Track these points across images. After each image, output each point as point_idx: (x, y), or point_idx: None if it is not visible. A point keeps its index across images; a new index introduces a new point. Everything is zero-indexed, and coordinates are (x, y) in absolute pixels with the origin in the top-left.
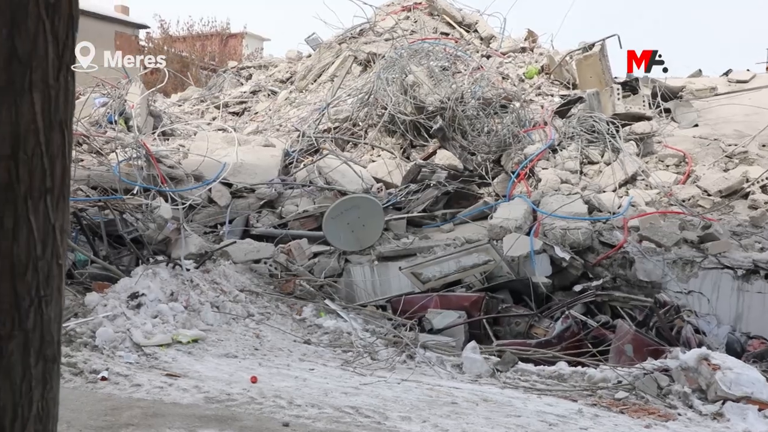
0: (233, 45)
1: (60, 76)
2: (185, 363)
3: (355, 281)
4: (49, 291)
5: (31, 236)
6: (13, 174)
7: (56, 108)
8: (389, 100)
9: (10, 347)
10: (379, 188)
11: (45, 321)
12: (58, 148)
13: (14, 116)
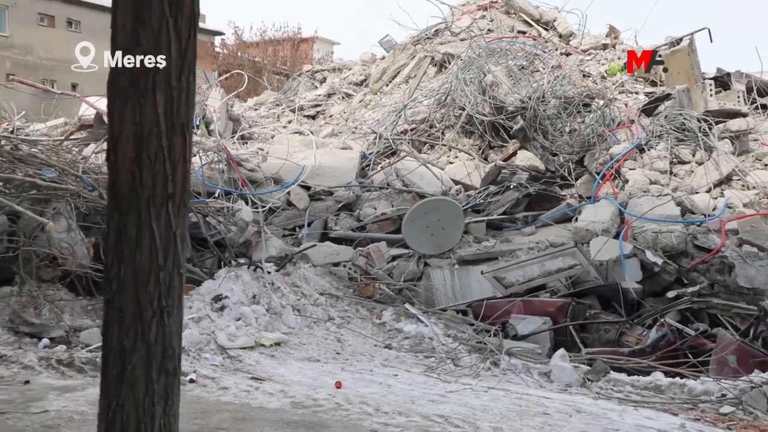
0: (304, 49)
1: (182, 76)
2: (269, 366)
3: (435, 285)
4: (170, 302)
5: (153, 244)
6: (137, 178)
7: (178, 110)
8: (467, 101)
9: (134, 360)
10: (458, 190)
11: (167, 333)
12: (180, 152)
13: (138, 118)
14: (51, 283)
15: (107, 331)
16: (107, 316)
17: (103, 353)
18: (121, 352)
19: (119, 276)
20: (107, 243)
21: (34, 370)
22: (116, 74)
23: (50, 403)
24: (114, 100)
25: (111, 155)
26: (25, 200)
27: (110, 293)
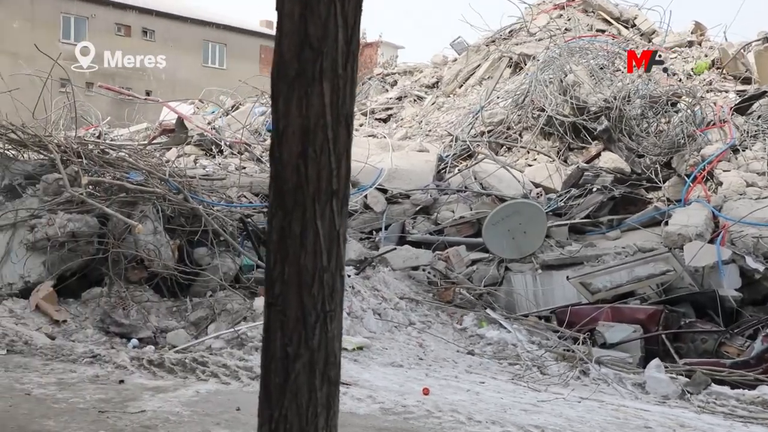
0: (369, 54)
1: (348, 65)
2: (353, 371)
3: (516, 290)
4: (333, 306)
5: (317, 243)
6: (302, 174)
7: (343, 100)
8: (547, 102)
9: (297, 367)
10: (539, 193)
11: (329, 339)
12: (344, 145)
13: (305, 109)
14: (138, 284)
15: (269, 336)
16: (269, 320)
17: (264, 360)
18: (284, 358)
19: (283, 277)
20: (269, 243)
21: (127, 370)
22: (283, 64)
23: (146, 403)
24: (279, 91)
25: (275, 150)
26: (113, 203)
27: (273, 296)
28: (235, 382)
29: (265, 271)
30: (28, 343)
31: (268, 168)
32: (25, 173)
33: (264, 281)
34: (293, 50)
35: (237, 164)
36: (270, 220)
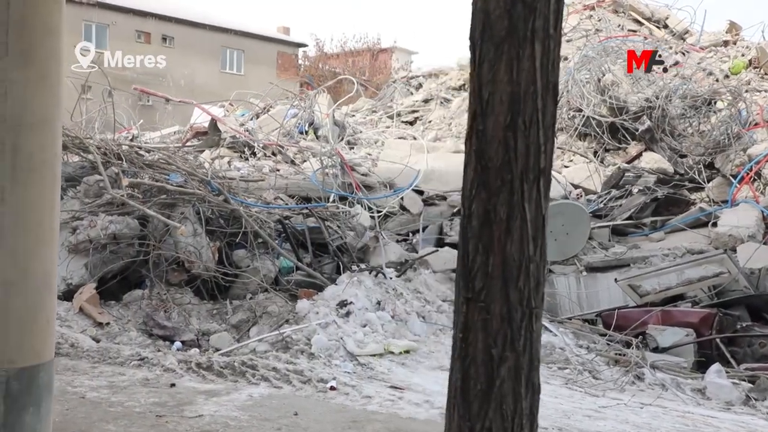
0: (383, 59)
1: (557, 24)
2: (402, 375)
3: (559, 292)
4: (538, 302)
5: (524, 229)
6: (511, 148)
7: (553, 65)
8: (585, 102)
9: (502, 372)
10: (578, 194)
11: (534, 340)
12: (551, 117)
13: (514, 74)
14: (178, 286)
15: (466, 337)
16: (468, 319)
17: (460, 364)
18: (488, 362)
19: (486, 269)
20: (465, 229)
21: (176, 373)
22: (489, 22)
23: (201, 407)
24: (484, 54)
25: (478, 122)
26: (154, 205)
27: (472, 290)
28: (287, 386)
29: (461, 262)
30: (74, 345)
31: (302, 170)
32: (65, 175)
33: (462, 275)
34: (503, 6)
35: (271, 166)
36: (467, 204)
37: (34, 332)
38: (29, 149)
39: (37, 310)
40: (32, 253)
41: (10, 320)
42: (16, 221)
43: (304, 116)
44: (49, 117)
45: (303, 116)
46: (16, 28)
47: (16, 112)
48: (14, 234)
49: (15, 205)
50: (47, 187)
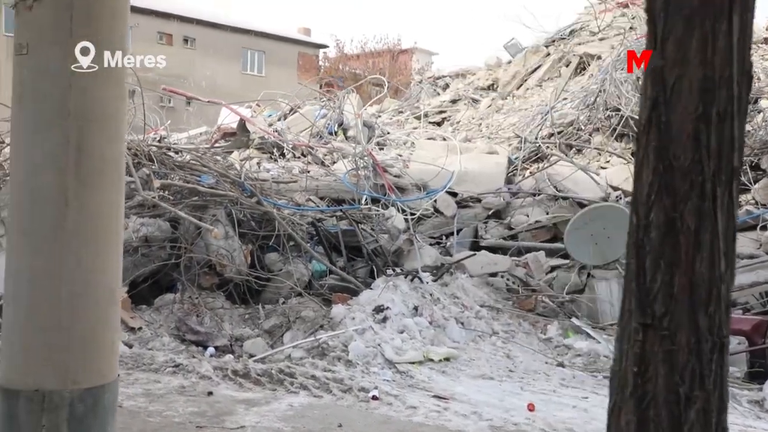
0: (403, 60)
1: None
2: (443, 383)
3: (600, 298)
4: (728, 330)
5: (715, 243)
6: (702, 144)
7: (748, 45)
8: (624, 101)
9: (690, 416)
10: (618, 196)
11: (724, 375)
12: (745, 108)
13: (708, 54)
14: (210, 290)
15: (644, 371)
16: (645, 350)
17: (635, 404)
18: (674, 403)
19: (670, 290)
20: (639, 241)
21: (212, 381)
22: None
23: (242, 418)
24: (668, 29)
25: (659, 111)
26: (186, 206)
27: (651, 315)
28: (327, 395)
29: (634, 280)
30: None
31: (332, 171)
32: None
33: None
34: None
35: (301, 167)
36: (644, 211)
37: (99, 350)
38: (95, 147)
39: (101, 325)
40: (98, 263)
41: (75, 337)
42: (81, 226)
43: (333, 117)
44: (114, 111)
45: (332, 117)
46: (82, 12)
47: (81, 106)
48: (79, 241)
49: (80, 209)
50: (113, 189)
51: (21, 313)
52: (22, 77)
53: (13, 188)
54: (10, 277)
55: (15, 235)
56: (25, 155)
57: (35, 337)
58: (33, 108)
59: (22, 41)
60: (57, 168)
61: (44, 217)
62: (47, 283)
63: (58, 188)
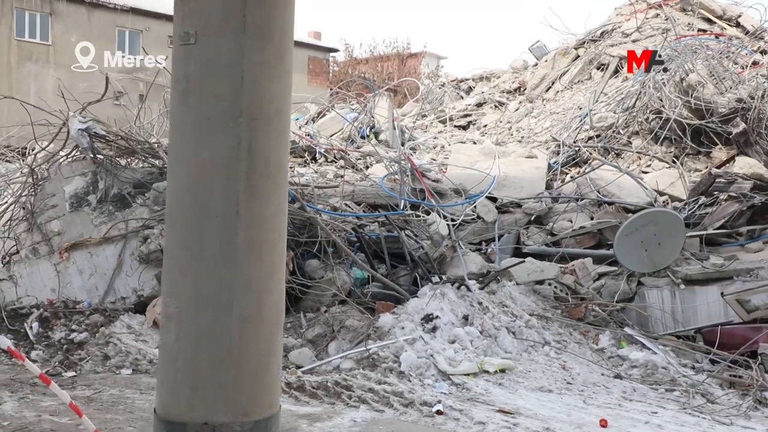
0: (412, 64)
1: None
2: (503, 397)
3: (651, 306)
4: None
5: None
6: None
7: None
8: (667, 104)
9: None
10: (665, 201)
11: None
12: None
13: None
14: None
15: None
16: None
17: None
18: None
19: None
20: None
21: None
22: None
23: None
24: None
25: None
26: None
27: None
28: (389, 410)
29: None
30: (153, 362)
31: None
32: (134, 181)
33: None
34: None
35: (334, 171)
36: None
37: (269, 379)
38: (265, 150)
39: (270, 352)
40: (267, 283)
41: (245, 366)
42: (252, 242)
43: (364, 120)
44: (283, 110)
45: (363, 120)
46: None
47: (254, 103)
48: (249, 258)
49: (250, 222)
50: (281, 198)
51: (186, 340)
52: (187, 71)
53: (173, 197)
54: (172, 298)
55: (176, 251)
56: (190, 160)
57: (203, 366)
58: (200, 105)
59: (189, 29)
60: (227, 175)
61: (213, 231)
62: (216, 307)
63: (228, 198)
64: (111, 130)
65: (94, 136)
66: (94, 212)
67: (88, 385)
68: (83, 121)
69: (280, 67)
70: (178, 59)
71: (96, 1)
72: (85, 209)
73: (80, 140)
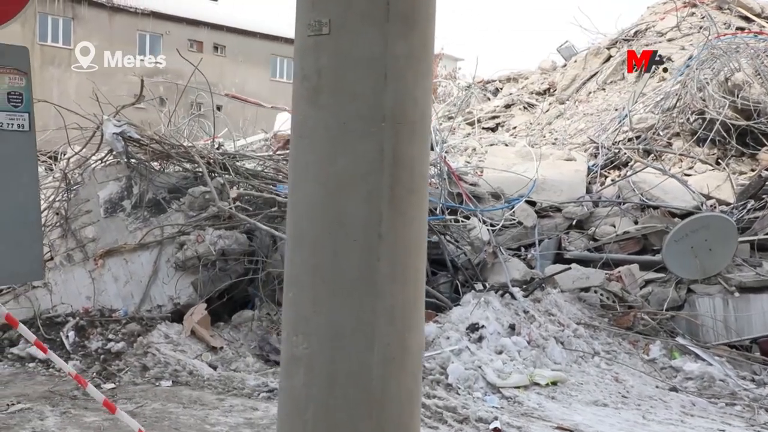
0: None
1: None
2: (557, 411)
3: (702, 315)
4: None
5: None
6: None
7: None
8: (711, 104)
9: None
10: (713, 205)
11: None
12: None
13: None
14: None
15: None
16: None
17: None
18: None
19: None
20: None
21: None
22: None
23: None
24: None
25: None
26: (264, 217)
27: None
28: (443, 426)
29: None
30: (192, 373)
31: None
32: (168, 186)
33: None
34: None
35: None
36: None
37: (413, 428)
38: (410, 159)
39: (414, 396)
40: (411, 315)
41: (387, 413)
42: (396, 268)
43: None
44: (427, 112)
45: None
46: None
47: (398, 104)
48: (393, 288)
49: (394, 243)
50: (424, 216)
51: (317, 385)
52: (318, 65)
53: (300, 216)
54: (300, 335)
55: (305, 280)
56: (323, 171)
57: (339, 416)
58: (335, 106)
59: (322, 18)
60: (368, 188)
61: (351, 255)
62: (355, 345)
63: (370, 216)
64: (145, 134)
65: (128, 139)
66: (128, 218)
67: (129, 398)
68: (118, 125)
69: (425, 61)
70: (306, 52)
71: (117, 5)
72: (120, 215)
73: (115, 144)
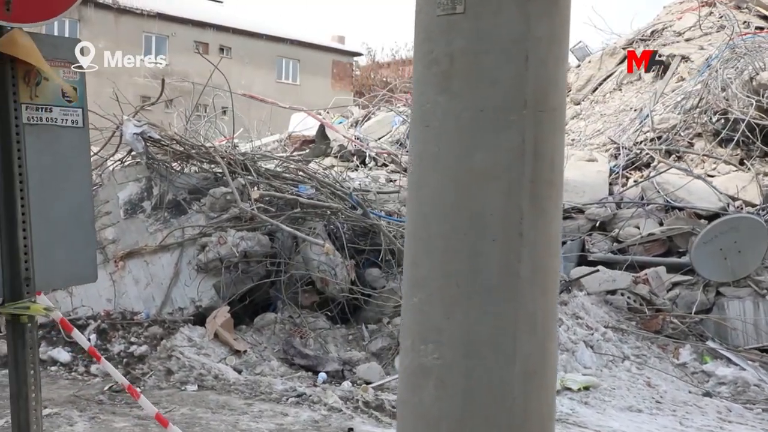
0: None
1: None
2: (591, 417)
3: (731, 318)
4: None
5: None
6: None
7: None
8: (736, 103)
9: None
10: (739, 206)
11: None
12: None
13: None
14: (310, 309)
15: None
16: None
17: None
18: None
19: None
20: None
21: (344, 414)
22: None
23: None
24: None
25: None
26: (286, 219)
27: None
28: None
29: None
30: (218, 377)
31: None
32: (189, 187)
33: None
34: None
35: (386, 176)
36: None
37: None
38: (550, 150)
39: (553, 413)
40: (551, 323)
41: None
42: (537, 271)
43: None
44: (563, 100)
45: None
46: None
47: (539, 91)
48: (534, 293)
49: (534, 243)
50: (560, 214)
51: (451, 399)
52: (450, 48)
53: (429, 215)
54: (429, 345)
55: (436, 283)
56: (457, 164)
57: (475, 428)
58: (471, 93)
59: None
60: (509, 184)
61: (489, 256)
62: (494, 356)
63: (510, 214)
64: (165, 134)
65: (148, 140)
66: (148, 219)
67: (156, 402)
68: (138, 125)
69: (564, 44)
70: (435, 34)
71: (123, 7)
72: (140, 216)
73: (135, 144)
